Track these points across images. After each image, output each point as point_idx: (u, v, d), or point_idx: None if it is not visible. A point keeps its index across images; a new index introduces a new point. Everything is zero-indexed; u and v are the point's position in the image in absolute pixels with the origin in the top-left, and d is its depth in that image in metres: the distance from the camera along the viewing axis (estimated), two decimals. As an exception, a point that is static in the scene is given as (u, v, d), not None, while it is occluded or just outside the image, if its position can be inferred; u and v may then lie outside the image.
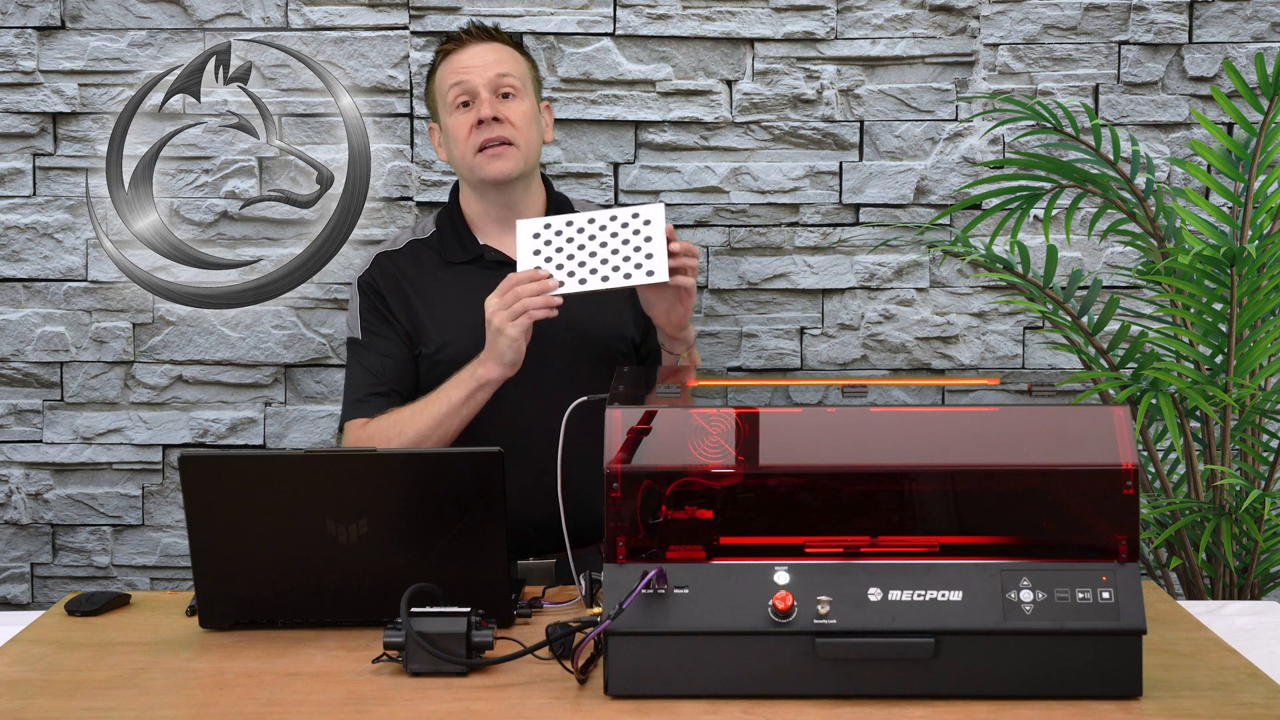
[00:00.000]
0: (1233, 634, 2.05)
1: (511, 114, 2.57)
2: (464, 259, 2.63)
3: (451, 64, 2.61)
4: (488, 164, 2.56)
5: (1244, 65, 3.13)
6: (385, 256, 2.66)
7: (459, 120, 2.58)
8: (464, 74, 2.58)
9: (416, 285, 2.62)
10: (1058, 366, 3.22)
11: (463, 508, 1.99)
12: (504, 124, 2.56)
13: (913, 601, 1.75)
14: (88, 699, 1.79)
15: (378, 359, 2.59)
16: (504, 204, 2.62)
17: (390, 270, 2.64)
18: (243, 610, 2.05)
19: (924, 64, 3.17)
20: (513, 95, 2.59)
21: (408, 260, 2.65)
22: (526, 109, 2.60)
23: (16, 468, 3.22)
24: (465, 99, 2.58)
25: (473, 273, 2.61)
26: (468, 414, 2.45)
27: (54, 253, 3.17)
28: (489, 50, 2.61)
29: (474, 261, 2.63)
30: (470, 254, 2.63)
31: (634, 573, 1.75)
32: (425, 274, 2.63)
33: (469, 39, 2.62)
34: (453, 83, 2.59)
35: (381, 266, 2.65)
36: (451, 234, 2.66)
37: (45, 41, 3.14)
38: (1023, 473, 1.84)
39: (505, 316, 2.35)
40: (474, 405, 2.44)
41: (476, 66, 2.58)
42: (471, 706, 1.74)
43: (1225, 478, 2.72)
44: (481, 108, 2.55)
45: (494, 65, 2.58)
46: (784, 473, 1.85)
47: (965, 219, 3.19)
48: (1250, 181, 2.75)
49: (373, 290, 2.63)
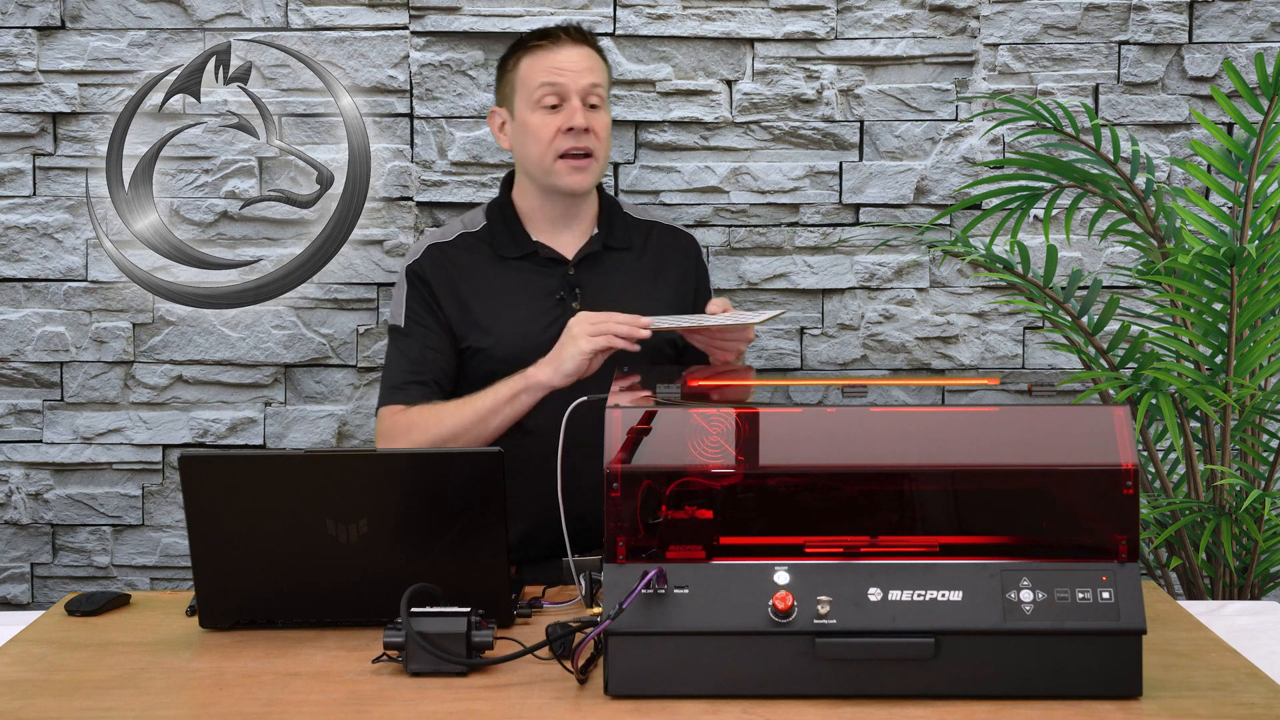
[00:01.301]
0: (1233, 634, 2.05)
1: (597, 125, 2.58)
2: (516, 254, 2.63)
3: (545, 61, 2.59)
4: (568, 175, 2.57)
5: (1244, 65, 3.13)
6: (436, 247, 2.65)
7: (545, 121, 2.57)
8: (559, 75, 2.57)
9: (467, 278, 2.61)
10: (1058, 366, 3.22)
11: (463, 508, 1.99)
12: (590, 135, 2.56)
13: (913, 601, 1.75)
14: (88, 699, 1.79)
15: (420, 349, 2.58)
16: (565, 209, 2.63)
17: (440, 261, 2.63)
18: (243, 610, 2.05)
19: (924, 64, 3.17)
20: (599, 106, 2.59)
21: (458, 252, 2.65)
22: (608, 121, 2.62)
23: (16, 468, 3.22)
24: (555, 101, 2.57)
25: (525, 268, 2.61)
26: (510, 414, 2.44)
27: (54, 253, 3.18)
28: (584, 56, 2.60)
29: (527, 257, 2.63)
30: (523, 250, 2.63)
31: (634, 573, 1.75)
32: (476, 267, 2.63)
33: (565, 39, 2.60)
34: (545, 81, 2.57)
35: (432, 257, 2.64)
36: (504, 228, 2.65)
37: (45, 41, 3.14)
38: (1023, 473, 1.84)
39: (587, 329, 2.36)
40: (518, 407, 2.44)
41: (572, 71, 2.58)
42: (471, 706, 1.74)
43: (1225, 478, 2.72)
44: (575, 116, 2.55)
45: (588, 73, 2.58)
46: (784, 473, 1.85)
47: (965, 219, 3.19)
48: (1250, 181, 2.75)
49: (421, 280, 2.62)
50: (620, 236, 2.68)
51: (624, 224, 2.70)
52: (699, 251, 2.78)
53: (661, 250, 2.71)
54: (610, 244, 2.66)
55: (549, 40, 2.61)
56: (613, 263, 2.66)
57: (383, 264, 3.19)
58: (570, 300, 2.61)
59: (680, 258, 2.72)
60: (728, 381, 2.29)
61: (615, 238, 2.67)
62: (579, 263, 2.64)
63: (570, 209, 2.64)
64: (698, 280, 2.75)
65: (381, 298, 3.20)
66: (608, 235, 2.66)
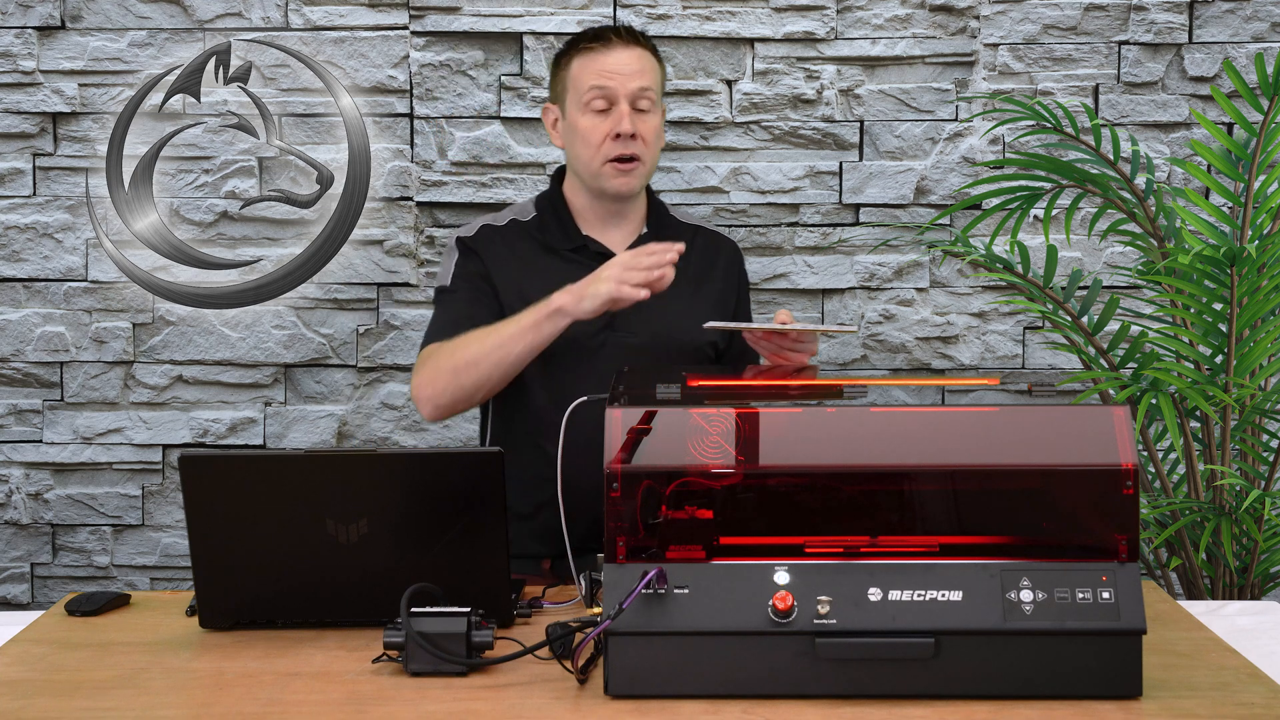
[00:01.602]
0: (1233, 634, 2.05)
1: (645, 130, 2.57)
2: (566, 247, 2.64)
3: (595, 63, 2.59)
4: (614, 179, 2.57)
5: (1244, 65, 3.13)
6: (489, 227, 2.65)
7: (593, 124, 2.57)
8: (607, 79, 2.57)
9: (518, 262, 2.61)
10: (1058, 366, 3.22)
11: (463, 508, 1.99)
12: (637, 140, 2.56)
13: (913, 601, 1.75)
14: (88, 699, 1.79)
15: (467, 305, 2.58)
16: (614, 208, 2.64)
17: (494, 241, 2.64)
18: (243, 610, 2.05)
19: (924, 64, 3.17)
20: (648, 108, 2.59)
21: (511, 237, 2.65)
22: (657, 124, 2.60)
23: (16, 468, 3.22)
24: (604, 105, 2.58)
25: (574, 261, 2.62)
26: (533, 342, 2.43)
27: (54, 253, 3.18)
28: (634, 58, 2.59)
29: (576, 251, 2.63)
30: (573, 243, 2.64)
31: (634, 573, 1.75)
32: (525, 255, 2.63)
33: (616, 40, 2.59)
34: (594, 84, 2.57)
35: (486, 236, 2.64)
36: (554, 221, 2.66)
37: (45, 41, 3.14)
38: (1023, 473, 1.84)
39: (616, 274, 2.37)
40: (541, 335, 2.43)
41: (621, 74, 2.57)
42: (471, 706, 1.74)
43: (1225, 478, 2.72)
44: (621, 122, 2.55)
45: (637, 76, 2.57)
46: (784, 473, 1.85)
47: (965, 219, 3.19)
48: (1250, 181, 2.75)
49: (473, 253, 2.62)
50: (667, 237, 2.68)
51: (671, 225, 2.70)
52: (741, 257, 2.77)
53: (705, 255, 2.70)
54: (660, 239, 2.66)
55: (600, 42, 2.60)
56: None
57: (383, 264, 3.19)
58: None
59: (723, 263, 2.72)
60: (727, 381, 2.29)
61: (663, 238, 2.67)
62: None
63: (619, 208, 2.64)
64: (739, 286, 2.74)
65: (382, 298, 3.20)
66: (656, 235, 2.66)
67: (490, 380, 2.48)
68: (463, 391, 2.51)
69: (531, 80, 3.16)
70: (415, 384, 2.54)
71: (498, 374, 2.48)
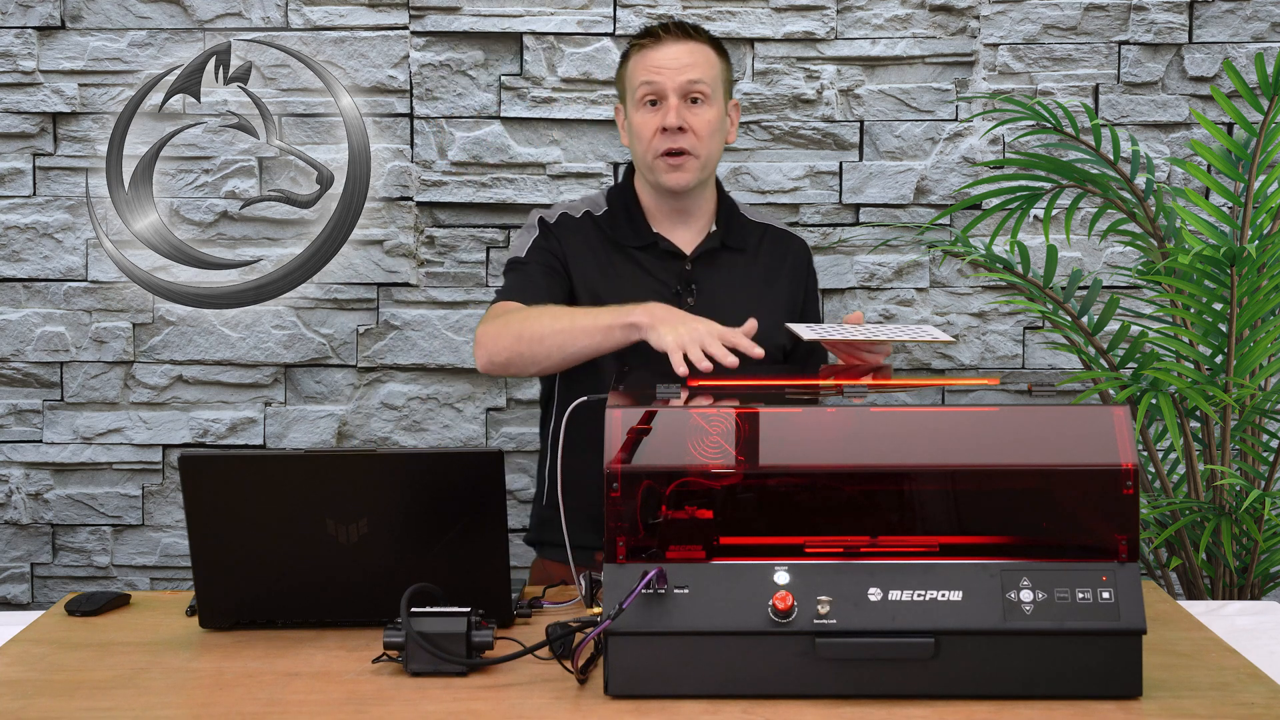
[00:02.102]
0: (1233, 634, 2.05)
1: (696, 122, 2.55)
2: (636, 244, 2.63)
3: (645, 60, 2.58)
4: (666, 173, 2.57)
5: (1244, 65, 3.13)
6: (568, 217, 2.65)
7: (645, 119, 2.58)
8: (655, 74, 2.56)
9: (589, 255, 2.61)
10: (1058, 366, 3.22)
11: (463, 508, 1.99)
12: (687, 134, 2.55)
13: (913, 601, 1.75)
14: (88, 699, 1.79)
15: (543, 279, 2.57)
16: (676, 207, 2.63)
17: (571, 229, 2.63)
18: (243, 610, 2.05)
19: (924, 64, 3.17)
20: (701, 101, 2.57)
21: (586, 228, 2.65)
22: (712, 116, 2.58)
23: (16, 468, 3.22)
24: (653, 99, 2.57)
25: (643, 258, 2.62)
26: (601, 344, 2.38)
27: (54, 253, 3.18)
28: (684, 51, 2.58)
29: (646, 248, 2.63)
30: (643, 240, 2.63)
31: (634, 573, 1.75)
32: (596, 248, 2.63)
33: (665, 36, 2.58)
34: (643, 80, 2.57)
35: (565, 223, 2.64)
36: (625, 217, 2.65)
37: (45, 41, 3.14)
38: (1023, 473, 1.84)
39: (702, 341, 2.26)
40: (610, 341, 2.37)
41: (669, 68, 2.56)
42: (471, 706, 1.74)
43: (1225, 478, 2.72)
44: (668, 115, 2.54)
45: (687, 69, 2.56)
46: (784, 473, 1.85)
47: (965, 219, 3.19)
48: (1250, 181, 2.75)
49: (551, 234, 2.62)
50: (737, 236, 2.68)
51: (740, 224, 2.69)
52: (810, 256, 2.75)
53: (774, 254, 2.69)
54: (727, 243, 2.65)
55: (650, 38, 2.60)
56: (728, 262, 2.65)
57: (383, 264, 3.19)
58: (685, 295, 2.60)
59: (791, 262, 2.70)
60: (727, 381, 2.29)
61: (732, 237, 2.67)
62: (696, 258, 2.64)
63: (685, 205, 2.64)
64: (807, 285, 2.72)
65: (382, 298, 3.20)
66: (725, 234, 2.66)
67: (549, 360, 2.44)
68: (520, 359, 2.47)
69: (531, 80, 3.16)
70: (479, 333, 2.50)
71: (557, 357, 2.43)
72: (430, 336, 3.20)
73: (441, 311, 3.20)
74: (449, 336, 3.20)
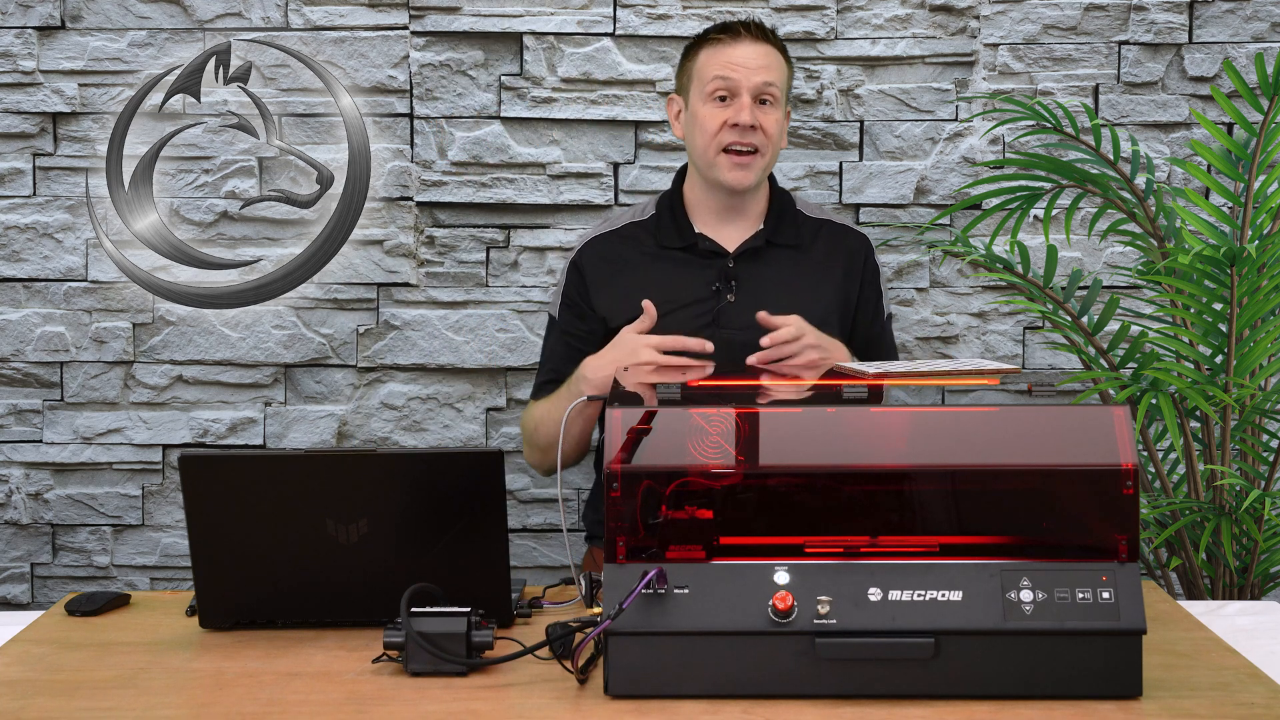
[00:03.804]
0: (1233, 634, 2.05)
1: (766, 122, 2.58)
2: (679, 245, 2.65)
3: (721, 54, 2.60)
4: (730, 170, 2.58)
5: (1244, 65, 3.13)
6: (597, 239, 2.70)
7: (712, 113, 2.59)
8: (732, 70, 2.58)
9: (627, 267, 2.62)
10: (1058, 366, 3.22)
11: (463, 508, 1.99)
12: (757, 132, 2.57)
13: (913, 601, 1.75)
14: (88, 699, 1.79)
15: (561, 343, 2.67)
16: (729, 202, 2.64)
17: (598, 252, 2.68)
18: (243, 610, 2.05)
19: (924, 64, 3.17)
20: (770, 103, 2.60)
21: (621, 242, 2.68)
22: (779, 119, 2.61)
23: (16, 468, 3.22)
24: (725, 94, 2.58)
25: (684, 259, 2.63)
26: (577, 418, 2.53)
27: (54, 253, 3.18)
28: (762, 53, 2.60)
29: (688, 248, 2.64)
30: (685, 240, 2.65)
31: (634, 573, 1.75)
32: (637, 257, 2.66)
33: (745, 35, 2.61)
34: (717, 74, 2.59)
35: (591, 249, 2.69)
36: (670, 220, 2.68)
37: (45, 41, 3.14)
38: (1023, 473, 1.84)
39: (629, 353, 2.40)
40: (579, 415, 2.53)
41: (746, 67, 2.58)
42: (471, 706, 1.74)
43: (1225, 478, 2.72)
44: (742, 113, 2.56)
45: (763, 71, 2.58)
46: (784, 473, 1.85)
47: (965, 219, 3.19)
48: (1250, 181, 2.75)
49: (577, 272, 2.69)
50: (788, 233, 2.67)
51: (793, 221, 2.69)
52: (869, 250, 2.74)
53: (829, 249, 2.69)
54: (775, 240, 2.65)
55: (729, 35, 2.62)
56: (774, 258, 2.65)
57: (383, 264, 3.19)
58: (726, 293, 2.62)
59: (846, 256, 2.70)
60: (728, 381, 2.29)
61: (781, 234, 2.67)
62: (739, 256, 2.64)
63: (735, 203, 2.65)
64: (864, 279, 2.71)
65: (382, 298, 3.20)
66: (773, 231, 2.66)
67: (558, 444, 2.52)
68: (545, 456, 2.65)
69: (531, 80, 3.16)
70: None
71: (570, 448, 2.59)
72: (430, 336, 3.20)
73: (441, 311, 3.20)
74: (449, 336, 3.20)
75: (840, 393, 2.00)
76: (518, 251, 3.19)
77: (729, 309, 2.59)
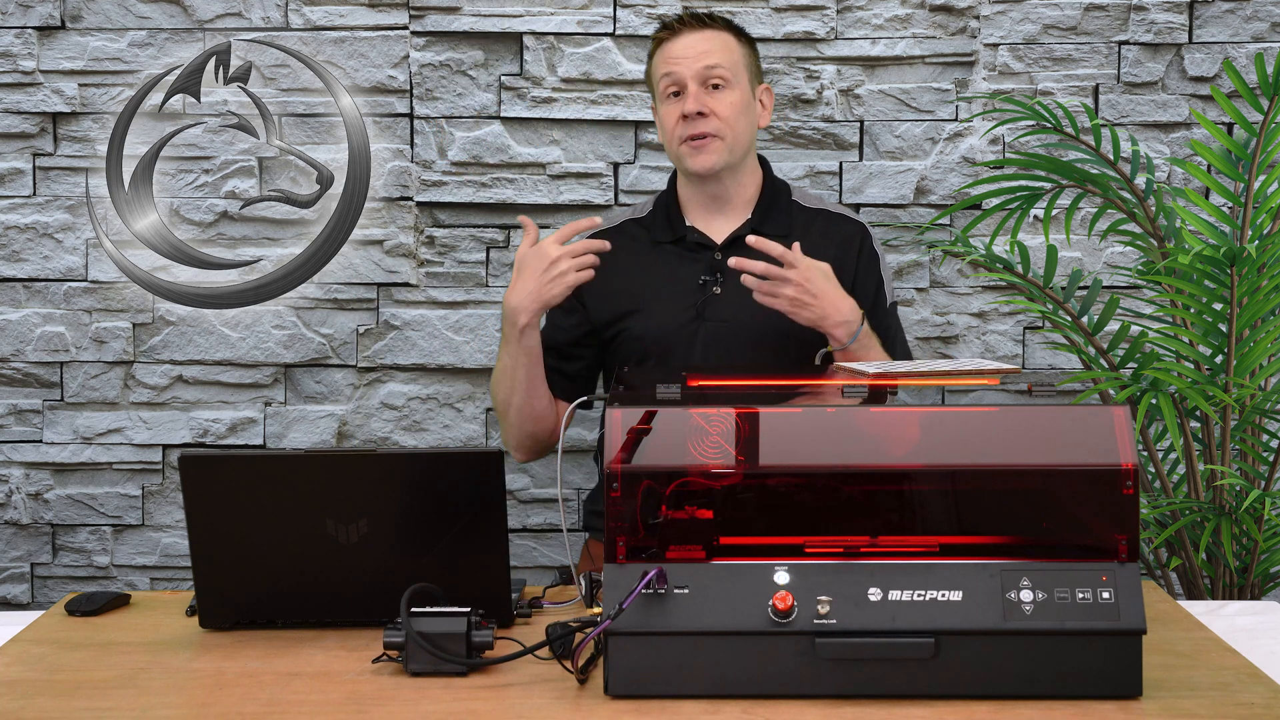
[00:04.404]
0: (1233, 634, 2.05)
1: (717, 106, 2.59)
2: (669, 239, 2.68)
3: (665, 52, 2.63)
4: (691, 157, 2.60)
5: (1244, 65, 3.13)
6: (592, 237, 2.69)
7: (668, 110, 2.62)
8: (674, 64, 2.61)
9: (619, 264, 2.63)
10: (1058, 366, 3.22)
11: (463, 508, 1.99)
12: (709, 118, 2.58)
13: (913, 601, 1.75)
14: (88, 699, 1.79)
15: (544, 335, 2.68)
16: (710, 194, 2.66)
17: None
18: (243, 610, 2.05)
19: (924, 64, 3.17)
20: (722, 86, 2.60)
21: (624, 236, 2.70)
22: (735, 99, 2.61)
23: (16, 468, 3.22)
24: (675, 89, 2.61)
25: (675, 252, 2.66)
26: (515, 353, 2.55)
27: (54, 253, 3.18)
28: (700, 39, 2.61)
29: (677, 242, 2.66)
30: (676, 234, 2.68)
31: (634, 573, 1.75)
32: (631, 252, 2.67)
33: (681, 28, 2.63)
34: (663, 73, 2.62)
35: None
36: (663, 215, 2.71)
37: (45, 41, 3.14)
38: (1023, 473, 1.84)
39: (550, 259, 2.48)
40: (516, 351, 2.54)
41: (685, 58, 2.60)
42: (471, 706, 1.74)
43: (1225, 478, 2.72)
44: (686, 101, 2.58)
45: (703, 56, 2.59)
46: (784, 473, 1.85)
47: (965, 219, 3.19)
48: (1250, 181, 2.75)
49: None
50: (777, 223, 2.67)
51: (785, 210, 2.69)
52: (864, 238, 2.71)
53: (821, 238, 2.67)
54: (762, 229, 2.64)
55: (668, 31, 2.66)
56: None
57: (383, 264, 3.19)
58: (713, 285, 2.63)
59: (839, 244, 2.68)
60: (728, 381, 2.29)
61: (770, 224, 2.67)
62: (726, 247, 2.65)
63: (717, 191, 2.66)
64: (859, 267, 2.69)
65: (382, 298, 3.20)
66: (760, 221, 2.66)
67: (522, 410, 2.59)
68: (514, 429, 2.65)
69: (531, 80, 3.16)
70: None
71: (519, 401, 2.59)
72: (430, 336, 3.20)
73: (441, 311, 3.20)
74: (449, 336, 3.20)
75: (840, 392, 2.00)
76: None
77: (714, 301, 2.60)
